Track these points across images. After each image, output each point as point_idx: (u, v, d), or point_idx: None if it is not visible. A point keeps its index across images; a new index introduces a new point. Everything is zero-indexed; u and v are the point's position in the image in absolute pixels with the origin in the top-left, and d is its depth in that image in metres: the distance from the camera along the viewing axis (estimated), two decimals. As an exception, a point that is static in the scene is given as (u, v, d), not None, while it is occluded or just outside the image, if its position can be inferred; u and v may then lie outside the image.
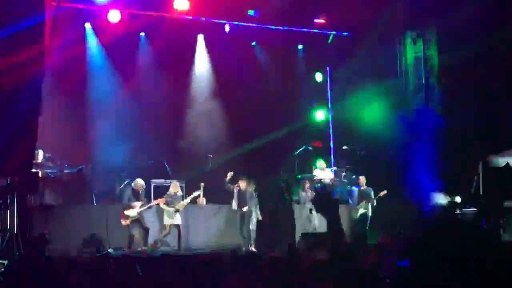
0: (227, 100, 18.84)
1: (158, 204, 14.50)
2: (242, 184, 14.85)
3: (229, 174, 14.97)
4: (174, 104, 18.26)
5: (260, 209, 15.36)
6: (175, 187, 14.75)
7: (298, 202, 15.93)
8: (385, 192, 15.87)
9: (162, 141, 17.64)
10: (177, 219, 14.49)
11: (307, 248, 12.22)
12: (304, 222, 15.46)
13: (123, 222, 14.12)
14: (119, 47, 17.49)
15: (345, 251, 7.91)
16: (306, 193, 15.70)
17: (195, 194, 14.86)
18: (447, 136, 18.25)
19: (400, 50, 19.94)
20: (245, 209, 14.61)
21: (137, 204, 14.27)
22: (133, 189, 14.41)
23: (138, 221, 14.21)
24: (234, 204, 14.86)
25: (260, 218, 15.20)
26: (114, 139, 16.91)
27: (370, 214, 15.69)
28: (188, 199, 14.67)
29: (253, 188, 15.13)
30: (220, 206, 15.85)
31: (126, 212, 14.09)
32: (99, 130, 16.97)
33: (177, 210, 14.47)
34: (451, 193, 17.10)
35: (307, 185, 15.83)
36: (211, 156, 17.09)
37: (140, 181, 14.52)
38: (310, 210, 15.36)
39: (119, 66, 17.71)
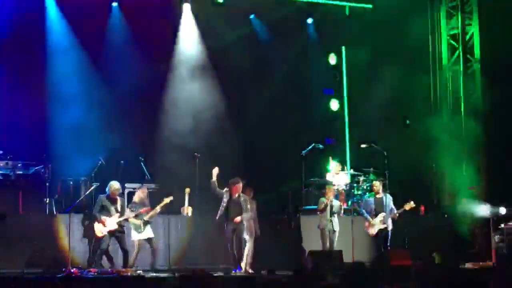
0: (219, 85, 18.78)
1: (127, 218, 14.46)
2: (236, 190, 14.65)
3: (215, 171, 14.65)
4: (153, 90, 18.21)
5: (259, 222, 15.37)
6: (142, 194, 14.72)
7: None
8: (411, 204, 15.59)
9: (138, 136, 17.60)
10: (148, 232, 14.48)
11: (315, 269, 12.24)
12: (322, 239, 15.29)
13: (99, 233, 14.12)
14: (85, 19, 17.45)
15: (362, 275, 7.92)
16: (331, 203, 15.44)
17: (167, 200, 14.80)
18: (491, 134, 18.32)
19: (433, 25, 19.99)
20: (238, 219, 14.43)
21: (115, 215, 14.22)
22: (108, 196, 14.37)
23: (116, 234, 14.21)
24: (220, 214, 14.56)
25: (258, 233, 15.21)
26: (78, 132, 16.85)
27: (391, 228, 15.52)
28: (158, 208, 14.63)
29: (250, 195, 15.01)
30: (210, 216, 15.82)
31: (103, 222, 14.06)
32: (60, 121, 16.87)
33: (146, 222, 14.47)
34: (494, 203, 17.15)
35: (331, 192, 15.58)
36: (199, 155, 17.09)
37: (115, 184, 14.40)
38: (331, 222, 15.22)
39: (86, 43, 17.61)
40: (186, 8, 19.05)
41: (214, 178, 14.55)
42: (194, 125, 18.31)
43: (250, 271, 14.55)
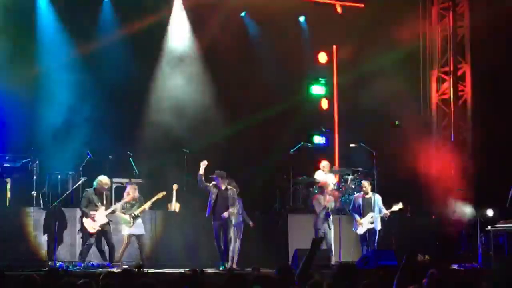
0: (207, 81, 18.81)
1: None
2: (222, 182, 14.61)
3: (203, 164, 14.53)
4: (142, 84, 18.21)
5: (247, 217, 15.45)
6: (132, 191, 14.73)
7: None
8: (400, 205, 15.68)
9: (126, 130, 17.62)
10: (138, 228, 14.55)
11: (302, 268, 12.26)
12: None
13: (91, 229, 14.12)
14: (76, 13, 17.44)
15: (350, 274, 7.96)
16: (327, 202, 15.44)
17: (158, 196, 14.82)
18: (479, 137, 18.42)
19: (424, 26, 20.04)
20: (226, 214, 14.44)
21: (101, 208, 14.24)
22: (95, 189, 14.37)
23: (103, 229, 14.24)
24: (209, 209, 14.52)
25: (252, 224, 15.32)
26: (67, 125, 16.85)
27: (379, 228, 15.56)
28: (149, 203, 14.66)
29: (237, 190, 14.96)
30: (198, 213, 15.83)
31: (93, 217, 14.07)
32: (49, 114, 16.83)
33: (136, 216, 14.52)
34: (481, 205, 17.26)
35: (329, 188, 15.60)
36: (187, 151, 17.10)
37: (104, 179, 14.40)
38: (327, 221, 15.24)
39: (76, 36, 17.59)
40: (177, 3, 19.04)
41: (202, 171, 14.48)
42: (183, 121, 18.27)
43: (235, 267, 14.56)
